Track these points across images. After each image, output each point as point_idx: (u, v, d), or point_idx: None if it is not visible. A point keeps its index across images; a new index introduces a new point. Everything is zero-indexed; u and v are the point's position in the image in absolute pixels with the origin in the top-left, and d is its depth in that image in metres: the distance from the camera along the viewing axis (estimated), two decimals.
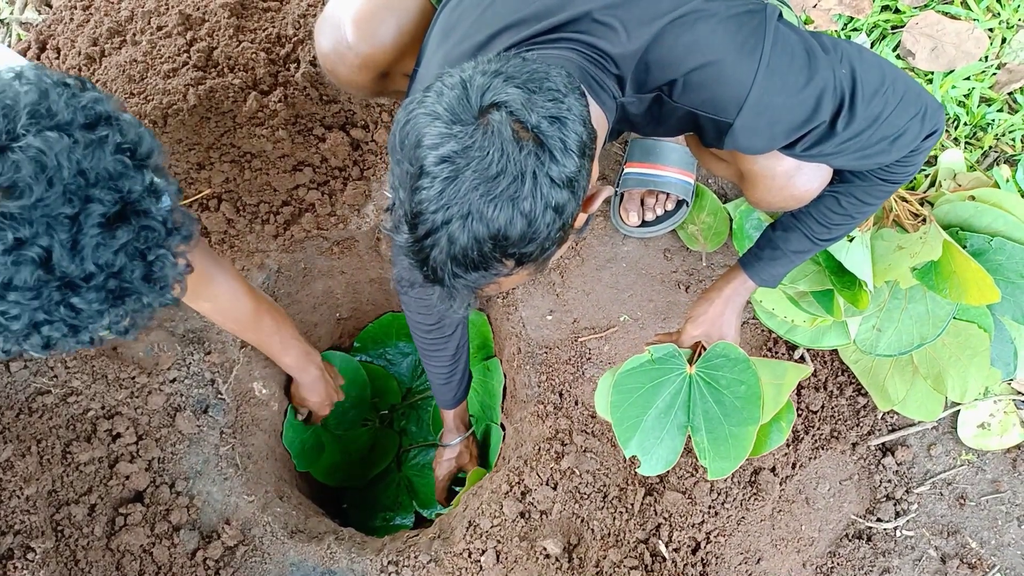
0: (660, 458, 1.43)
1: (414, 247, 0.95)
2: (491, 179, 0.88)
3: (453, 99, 0.90)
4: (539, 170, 0.90)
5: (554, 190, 0.91)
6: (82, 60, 1.93)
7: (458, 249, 0.92)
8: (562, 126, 0.91)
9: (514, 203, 0.89)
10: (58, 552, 1.61)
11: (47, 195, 0.85)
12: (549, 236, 0.94)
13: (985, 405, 1.74)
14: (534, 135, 0.90)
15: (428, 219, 0.91)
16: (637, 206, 1.84)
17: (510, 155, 0.88)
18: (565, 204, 0.93)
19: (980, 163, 1.86)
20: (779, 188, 1.27)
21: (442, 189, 0.89)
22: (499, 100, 0.90)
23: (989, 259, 1.62)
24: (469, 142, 0.88)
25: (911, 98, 1.17)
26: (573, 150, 0.92)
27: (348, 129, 1.93)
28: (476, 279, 0.96)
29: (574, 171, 0.93)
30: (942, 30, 1.89)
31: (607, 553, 1.68)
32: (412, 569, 1.74)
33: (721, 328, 1.49)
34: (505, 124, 0.89)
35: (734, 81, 1.09)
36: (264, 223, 1.92)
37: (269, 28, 1.93)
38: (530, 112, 0.89)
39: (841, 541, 1.72)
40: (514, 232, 0.91)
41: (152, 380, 1.80)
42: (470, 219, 0.90)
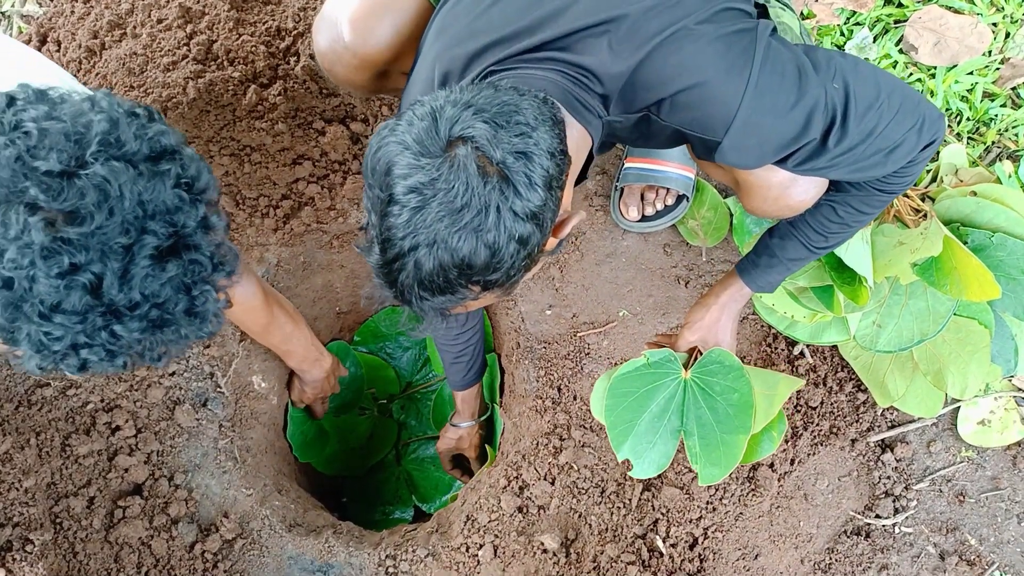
0: (652, 462, 1.44)
1: (383, 269, 0.97)
2: (456, 211, 0.91)
3: (422, 130, 0.93)
4: (503, 204, 0.92)
5: (518, 223, 0.93)
6: (82, 53, 1.93)
7: (424, 274, 0.95)
8: (528, 161, 0.93)
9: (478, 235, 0.92)
10: (57, 544, 1.62)
11: (107, 224, 0.86)
12: (514, 265, 0.96)
13: (985, 402, 1.73)
14: (499, 169, 0.92)
15: (396, 244, 0.94)
16: (637, 201, 1.83)
17: (475, 189, 0.91)
18: (529, 236, 0.95)
19: (982, 159, 1.85)
20: (774, 198, 1.26)
21: (409, 218, 0.92)
22: (466, 135, 0.92)
23: (990, 255, 1.61)
24: (436, 175, 0.91)
25: (908, 110, 1.16)
26: (538, 184, 0.94)
27: (348, 123, 1.93)
28: (442, 302, 0.99)
29: (539, 205, 0.95)
30: (945, 24, 1.88)
31: (604, 548, 1.68)
32: (410, 563, 1.75)
33: (717, 334, 1.50)
34: (470, 158, 0.91)
35: (721, 102, 1.09)
36: (264, 217, 1.92)
37: (269, 21, 1.93)
38: (495, 148, 0.92)
39: (839, 537, 1.72)
40: (478, 261, 0.94)
41: (151, 373, 1.80)
42: (435, 247, 0.92)
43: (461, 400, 2.00)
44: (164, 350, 0.99)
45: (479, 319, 1.82)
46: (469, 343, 1.83)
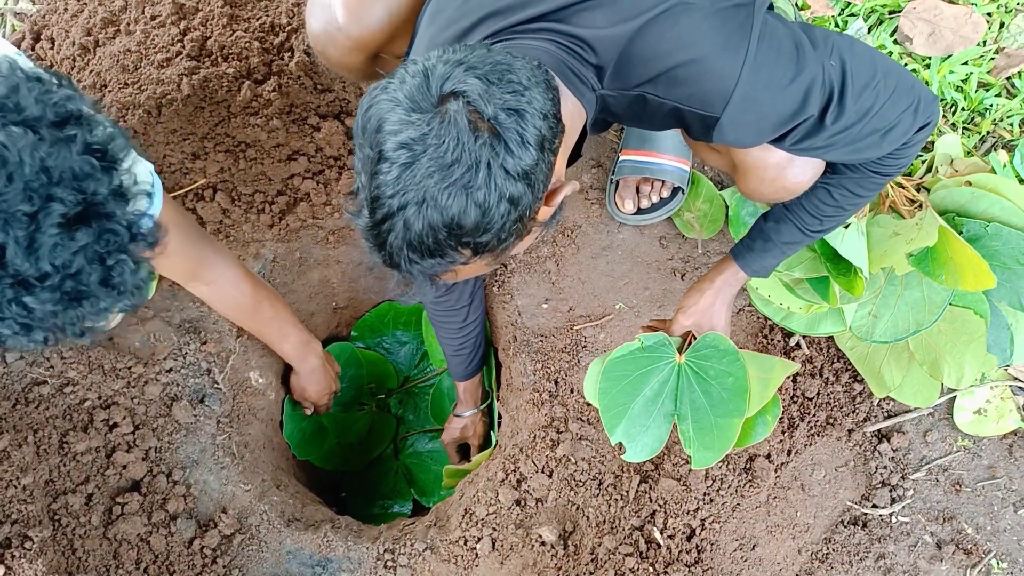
0: (645, 445, 1.44)
1: (372, 231, 0.96)
2: (446, 167, 0.89)
3: (414, 87, 0.91)
4: (493, 161, 0.91)
5: (508, 182, 0.92)
6: (76, 50, 1.93)
7: (413, 235, 0.93)
8: (520, 118, 0.92)
9: (468, 192, 0.90)
10: (55, 541, 1.62)
11: (6, 191, 0.84)
12: (504, 227, 0.95)
13: (981, 391, 1.74)
14: (490, 126, 0.91)
15: (385, 204, 0.92)
16: (632, 193, 1.83)
17: (465, 144, 0.89)
18: (520, 196, 0.94)
19: (977, 148, 1.85)
20: (771, 180, 1.26)
21: (399, 174, 0.90)
22: (458, 89, 0.91)
23: (985, 245, 1.61)
24: (426, 129, 0.90)
25: (903, 91, 1.16)
26: (531, 143, 0.93)
27: (343, 118, 1.93)
28: (432, 266, 0.97)
29: (530, 164, 0.93)
30: (940, 15, 1.88)
31: (602, 540, 1.68)
32: (408, 557, 1.75)
33: (712, 319, 1.50)
34: (461, 113, 0.90)
35: (720, 76, 1.09)
36: (259, 213, 1.92)
37: (263, 17, 1.92)
38: (487, 103, 0.90)
39: (836, 527, 1.72)
40: (468, 221, 0.92)
41: (148, 370, 1.80)
42: (425, 206, 0.91)
43: (463, 390, 2.01)
44: (86, 324, 0.95)
45: (480, 311, 1.83)
46: (471, 335, 1.84)
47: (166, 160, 1.85)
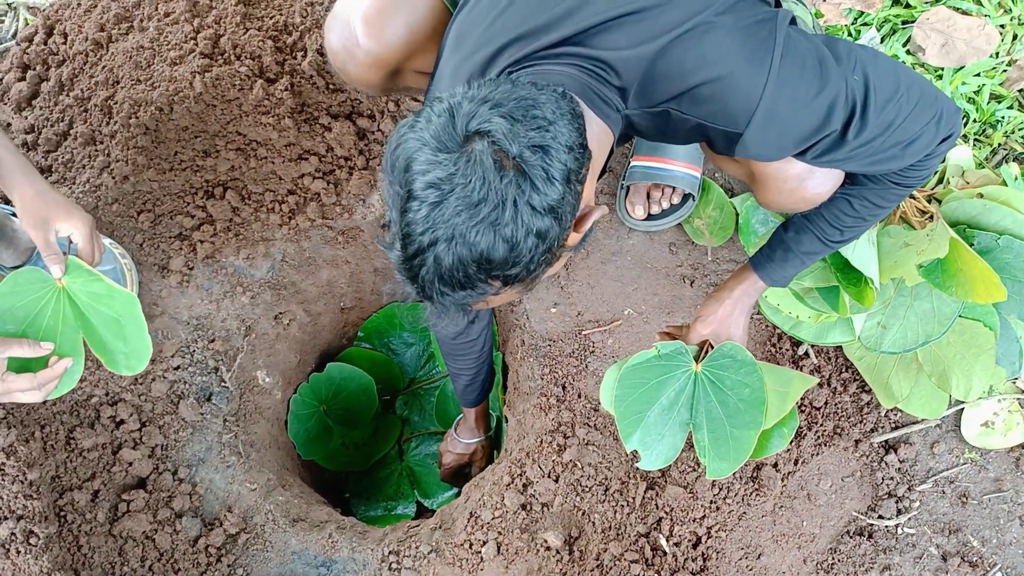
0: (660, 454, 1.43)
1: (405, 265, 0.97)
2: (473, 206, 0.91)
3: (440, 127, 0.93)
4: (520, 198, 0.92)
5: (535, 217, 0.93)
6: (89, 46, 1.93)
7: (444, 270, 0.95)
8: (545, 155, 0.93)
9: (495, 229, 0.92)
10: (61, 537, 1.62)
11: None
12: (533, 259, 0.96)
13: (989, 404, 1.73)
14: (516, 163, 0.92)
15: (416, 240, 0.94)
16: (643, 199, 1.83)
17: (491, 183, 0.91)
18: (547, 230, 0.95)
19: (989, 160, 1.85)
20: (790, 191, 1.26)
21: (428, 213, 0.92)
22: (483, 129, 0.92)
23: (996, 257, 1.61)
24: (453, 169, 0.91)
25: (926, 103, 1.16)
26: (557, 178, 0.94)
27: (354, 118, 1.93)
28: (463, 297, 0.99)
29: (556, 199, 0.94)
30: (953, 26, 1.88)
31: (608, 546, 1.68)
32: (413, 559, 1.75)
33: (729, 328, 1.49)
34: (487, 153, 0.91)
35: (743, 93, 1.08)
36: (269, 212, 1.92)
37: (276, 16, 1.92)
38: (512, 142, 0.91)
39: (842, 538, 1.72)
40: (496, 256, 0.93)
41: (156, 367, 1.80)
42: (454, 242, 0.92)
43: (473, 417, 2.04)
44: None
45: (491, 340, 1.83)
46: (484, 364, 1.86)
47: (177, 157, 1.86)
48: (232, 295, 1.91)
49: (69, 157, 1.87)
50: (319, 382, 2.17)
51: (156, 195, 1.86)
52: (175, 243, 1.87)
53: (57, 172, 1.87)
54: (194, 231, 1.88)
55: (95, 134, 1.87)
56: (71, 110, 1.90)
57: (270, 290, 1.96)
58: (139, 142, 1.82)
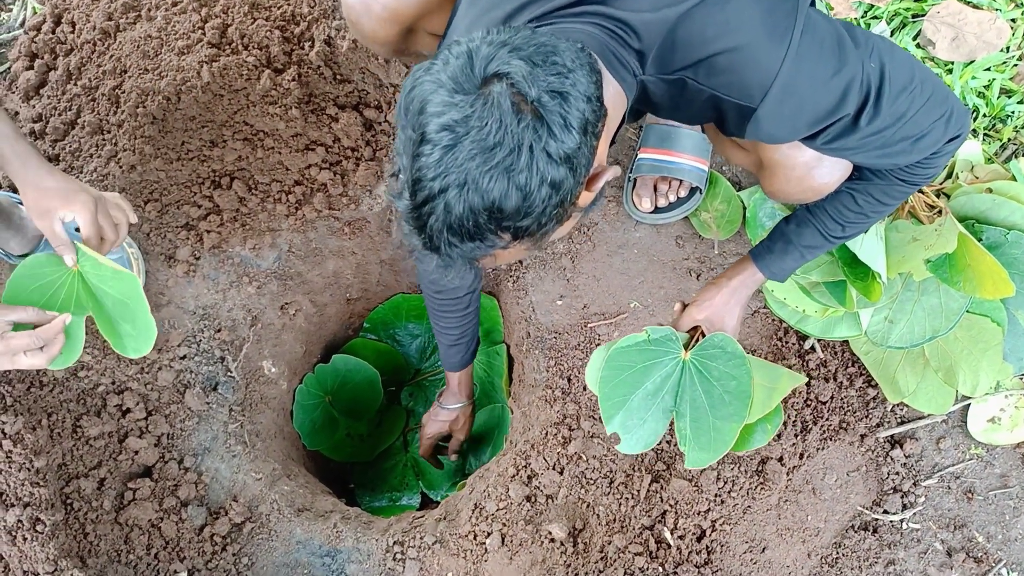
0: (641, 439, 1.42)
1: (413, 214, 0.94)
2: (488, 149, 0.88)
3: (457, 68, 0.90)
4: (536, 144, 0.89)
5: (551, 165, 0.90)
6: (97, 35, 1.93)
7: (454, 218, 0.92)
8: (564, 101, 0.90)
9: (509, 175, 0.89)
10: (67, 525, 1.63)
11: None
12: (545, 211, 0.93)
13: (996, 399, 1.73)
14: (533, 108, 0.89)
15: (426, 186, 0.91)
16: (650, 192, 1.83)
17: (508, 127, 0.88)
18: (562, 181, 0.92)
19: (998, 155, 1.84)
20: (798, 179, 1.25)
21: (441, 157, 0.89)
22: (502, 71, 0.89)
23: (1005, 253, 1.60)
24: (469, 111, 0.88)
25: (938, 100, 1.15)
26: (574, 126, 0.91)
27: (361, 109, 1.92)
28: (471, 249, 0.96)
29: (573, 148, 0.91)
30: (963, 19, 1.86)
31: (612, 539, 1.68)
32: (417, 550, 1.75)
33: (724, 317, 1.49)
34: (505, 95, 0.88)
35: (761, 66, 1.07)
36: (276, 202, 1.92)
37: (284, 6, 1.92)
38: (531, 85, 0.89)
39: (847, 532, 1.72)
40: (509, 205, 0.90)
41: (162, 356, 1.80)
42: (466, 189, 0.89)
43: (456, 381, 1.98)
44: None
45: (478, 301, 1.81)
46: (469, 324, 1.83)
47: (184, 147, 1.86)
48: (238, 285, 1.91)
49: (76, 146, 1.88)
50: (325, 373, 2.17)
51: (163, 185, 1.87)
52: (182, 233, 1.88)
53: (64, 161, 1.87)
54: (201, 221, 1.89)
55: (102, 123, 1.87)
56: (79, 99, 1.90)
57: (276, 280, 1.96)
58: (146, 131, 1.82)
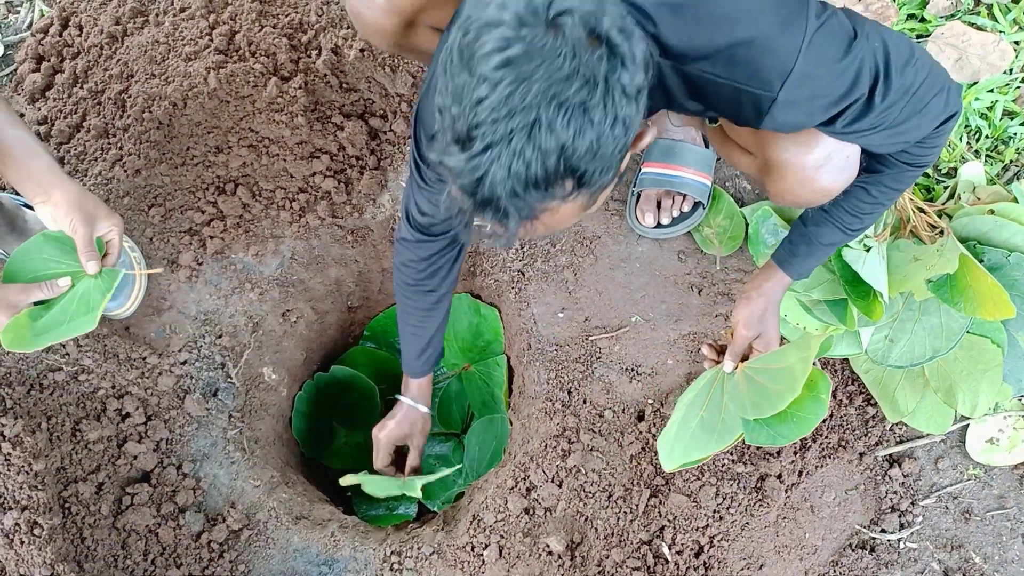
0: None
1: (470, 164, 0.88)
2: (562, 80, 0.84)
3: (521, 5, 0.86)
4: (611, 76, 0.86)
5: (624, 100, 0.88)
6: (104, 39, 1.93)
7: (521, 163, 0.87)
8: (630, 37, 0.88)
9: (585, 111, 0.85)
10: (65, 529, 1.62)
11: None
12: (613, 154, 0.90)
13: (995, 420, 1.73)
14: (608, 39, 0.86)
15: (488, 131, 0.86)
16: (653, 207, 1.83)
17: (582, 58, 0.84)
18: (632, 119, 0.89)
19: (1000, 177, 1.85)
20: (806, 180, 1.26)
21: (508, 94, 0.84)
22: (570, 6, 0.86)
23: (1006, 274, 1.61)
24: (540, 44, 0.84)
25: (936, 75, 1.17)
26: (640, 63, 0.89)
27: (367, 118, 1.93)
28: (535, 200, 0.91)
29: (642, 83, 0.89)
30: (968, 41, 1.88)
31: (610, 553, 1.68)
32: (415, 560, 1.75)
33: (765, 325, 1.51)
34: (577, 27, 0.85)
35: (779, 53, 1.07)
36: (280, 209, 1.92)
37: (292, 14, 1.93)
38: (601, 20, 0.86)
39: (844, 551, 1.72)
40: (582, 144, 0.87)
41: (163, 361, 1.80)
42: (537, 127, 0.85)
43: (416, 387, 1.85)
44: None
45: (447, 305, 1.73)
46: (439, 330, 1.75)
47: (189, 152, 1.86)
48: (240, 291, 1.91)
49: (82, 150, 1.88)
50: (324, 381, 2.17)
51: (167, 190, 1.87)
52: (185, 238, 1.88)
53: (69, 164, 1.87)
54: (204, 226, 1.89)
55: (108, 127, 1.87)
56: (85, 103, 1.90)
57: (278, 287, 1.96)
58: (152, 136, 1.82)
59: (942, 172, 1.86)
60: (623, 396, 1.81)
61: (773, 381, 1.38)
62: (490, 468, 2.01)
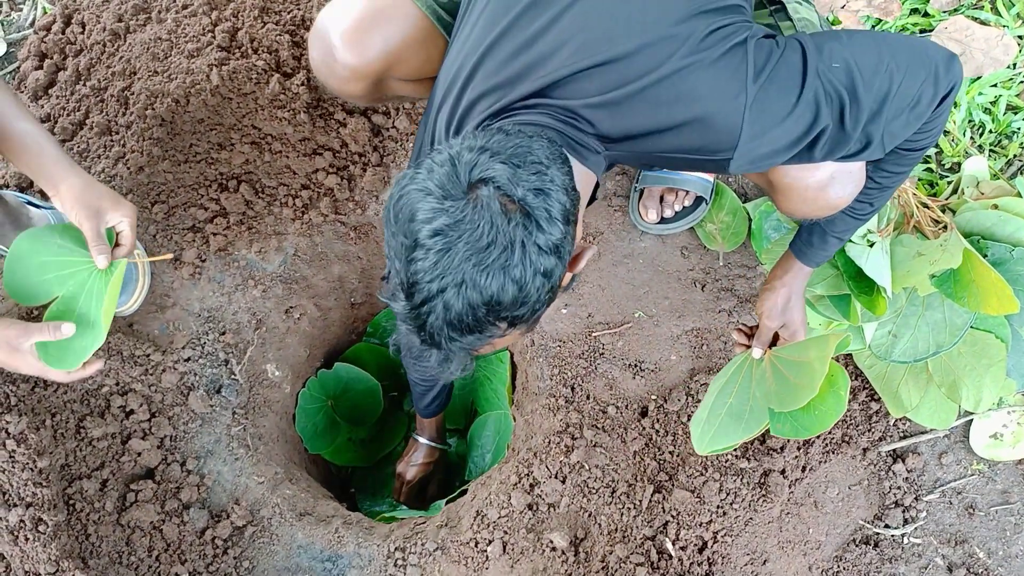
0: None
1: (411, 314, 0.99)
2: (482, 250, 0.93)
3: (443, 176, 0.95)
4: (527, 239, 0.95)
5: (542, 257, 0.96)
6: (107, 36, 1.93)
7: (453, 315, 0.96)
8: (546, 197, 0.96)
9: (505, 271, 0.95)
10: (69, 526, 1.63)
11: None
12: (539, 299, 0.99)
13: (998, 415, 1.73)
14: (521, 207, 0.95)
15: (424, 288, 0.95)
16: (656, 203, 1.83)
17: (499, 227, 0.93)
18: (553, 269, 0.98)
19: (1004, 172, 1.85)
20: (812, 199, 1.27)
21: (436, 260, 0.94)
22: (487, 176, 0.95)
23: (1009, 269, 1.61)
24: (460, 216, 0.93)
25: (917, 64, 1.15)
26: (558, 218, 0.97)
27: (369, 115, 1.93)
28: (471, 342, 1.01)
29: (559, 238, 0.98)
30: (971, 35, 1.87)
31: (614, 548, 1.68)
32: (419, 556, 1.75)
33: (793, 317, 1.54)
34: (493, 198, 0.94)
35: (724, 128, 1.10)
36: (282, 206, 1.92)
37: (294, 11, 1.92)
38: (516, 186, 0.95)
39: (848, 546, 1.72)
40: (506, 298, 0.96)
41: (166, 358, 1.81)
42: (464, 287, 0.94)
43: (430, 425, 2.11)
44: None
45: None
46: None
47: (192, 149, 1.86)
48: (244, 288, 1.92)
49: (84, 147, 1.88)
50: (327, 378, 2.17)
51: (170, 186, 1.87)
52: (188, 235, 1.88)
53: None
54: (207, 223, 1.89)
55: (111, 124, 1.87)
56: (87, 100, 1.90)
57: (281, 284, 1.96)
58: (155, 133, 1.82)
59: (945, 167, 1.86)
60: (626, 392, 1.81)
61: (796, 375, 1.38)
62: (493, 464, 2.01)
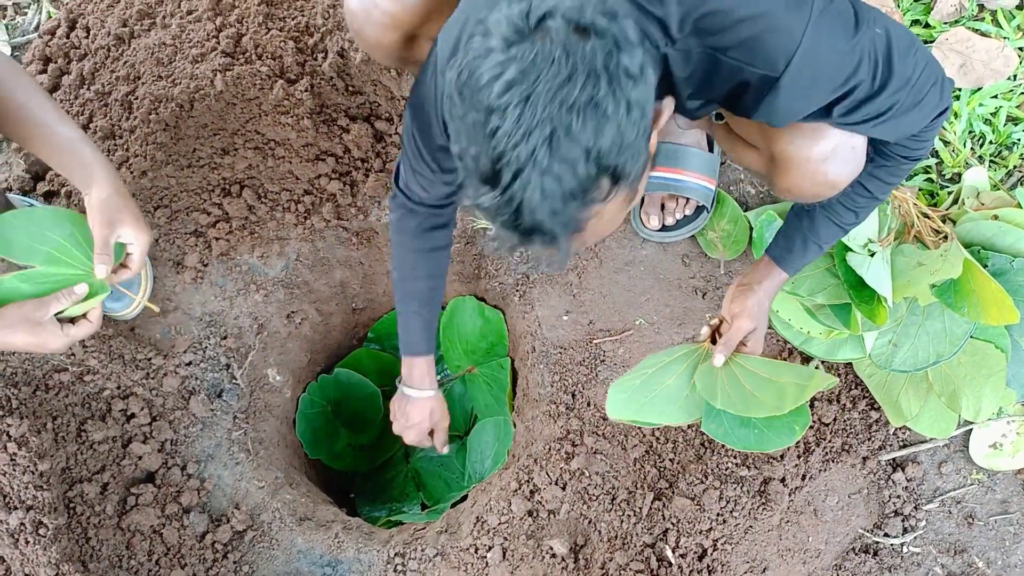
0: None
1: (503, 199, 0.87)
2: (564, 83, 0.83)
3: (503, 29, 0.86)
4: (610, 62, 0.84)
5: (630, 83, 0.86)
6: (111, 40, 1.94)
7: (552, 179, 0.85)
8: (615, 18, 0.87)
9: (596, 106, 0.84)
10: (70, 529, 1.63)
11: None
12: (637, 140, 0.88)
13: (998, 425, 1.73)
14: (594, 29, 0.85)
15: (511, 159, 0.85)
16: (657, 210, 1.84)
17: (575, 53, 0.83)
18: (643, 99, 0.88)
19: (1004, 182, 1.86)
20: (812, 172, 1.26)
21: (518, 115, 0.83)
22: (549, 9, 0.85)
23: (1010, 279, 1.62)
24: (531, 56, 0.83)
25: (932, 67, 1.17)
26: (635, 40, 0.87)
27: (372, 121, 1.94)
28: (577, 211, 0.89)
29: (642, 59, 0.87)
30: (972, 47, 1.88)
31: (613, 555, 1.69)
32: (418, 562, 1.75)
33: (761, 317, 1.52)
34: (562, 28, 0.84)
35: (785, 32, 1.06)
36: (285, 211, 1.93)
37: (298, 17, 1.93)
38: (583, 12, 0.85)
39: (847, 555, 1.72)
40: (605, 141, 0.85)
41: (168, 362, 1.81)
42: (556, 138, 0.83)
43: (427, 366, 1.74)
44: None
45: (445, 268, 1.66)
46: (437, 303, 1.68)
47: (195, 154, 1.87)
48: (245, 293, 1.92)
49: None
50: (328, 383, 2.18)
51: (173, 191, 1.88)
52: (191, 239, 1.88)
53: None
54: (210, 228, 1.89)
55: (115, 129, 1.88)
56: (91, 104, 1.91)
57: (283, 289, 1.97)
58: (158, 138, 1.83)
59: (946, 177, 1.87)
60: None
61: (758, 388, 1.38)
62: (493, 470, 2.01)
